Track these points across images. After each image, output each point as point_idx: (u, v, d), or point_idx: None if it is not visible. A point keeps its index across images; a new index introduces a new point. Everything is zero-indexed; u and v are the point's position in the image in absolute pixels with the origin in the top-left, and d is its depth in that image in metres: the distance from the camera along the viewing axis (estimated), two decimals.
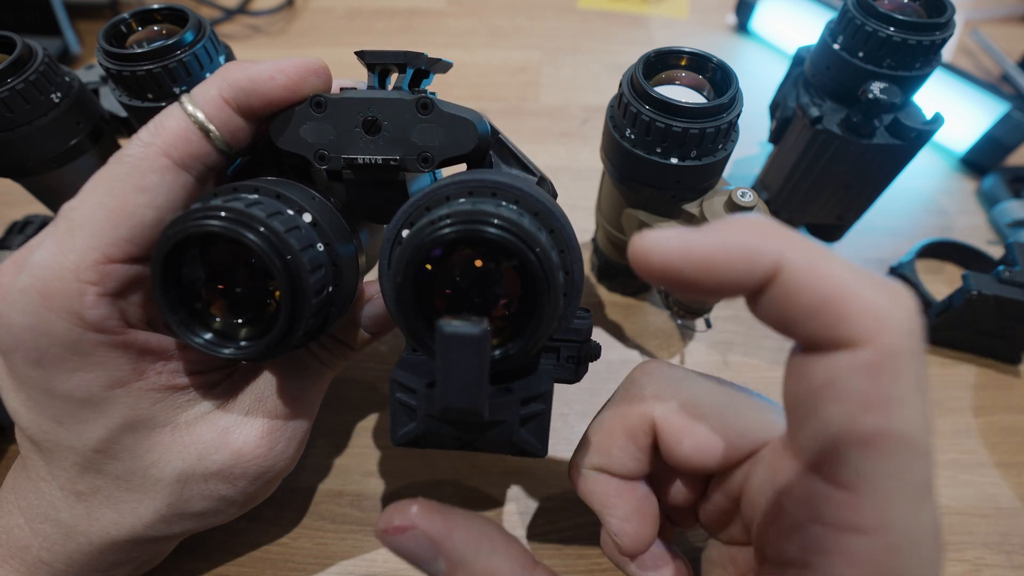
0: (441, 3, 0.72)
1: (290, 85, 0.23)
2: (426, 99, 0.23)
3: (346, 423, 0.37)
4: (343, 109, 0.23)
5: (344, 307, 0.25)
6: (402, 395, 0.22)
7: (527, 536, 0.33)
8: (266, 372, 0.27)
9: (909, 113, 0.36)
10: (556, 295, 0.19)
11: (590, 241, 0.45)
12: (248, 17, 0.70)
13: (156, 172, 0.22)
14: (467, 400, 0.17)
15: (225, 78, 0.23)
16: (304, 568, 0.32)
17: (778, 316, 0.15)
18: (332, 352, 0.27)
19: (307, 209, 0.22)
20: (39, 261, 0.21)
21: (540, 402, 0.22)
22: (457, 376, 0.17)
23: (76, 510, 0.24)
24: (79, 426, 0.22)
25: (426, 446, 0.23)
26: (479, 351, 0.17)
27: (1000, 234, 0.47)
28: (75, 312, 0.21)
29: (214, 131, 0.23)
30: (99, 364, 0.22)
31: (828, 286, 0.14)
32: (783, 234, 0.15)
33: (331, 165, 0.24)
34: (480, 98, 0.59)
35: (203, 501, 0.25)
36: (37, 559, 0.24)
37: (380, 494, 0.34)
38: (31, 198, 0.37)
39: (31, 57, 0.31)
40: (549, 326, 0.20)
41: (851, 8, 0.34)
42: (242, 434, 0.25)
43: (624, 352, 0.41)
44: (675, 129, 0.27)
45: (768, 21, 0.64)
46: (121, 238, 0.21)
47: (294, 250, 0.20)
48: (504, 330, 0.21)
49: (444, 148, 0.24)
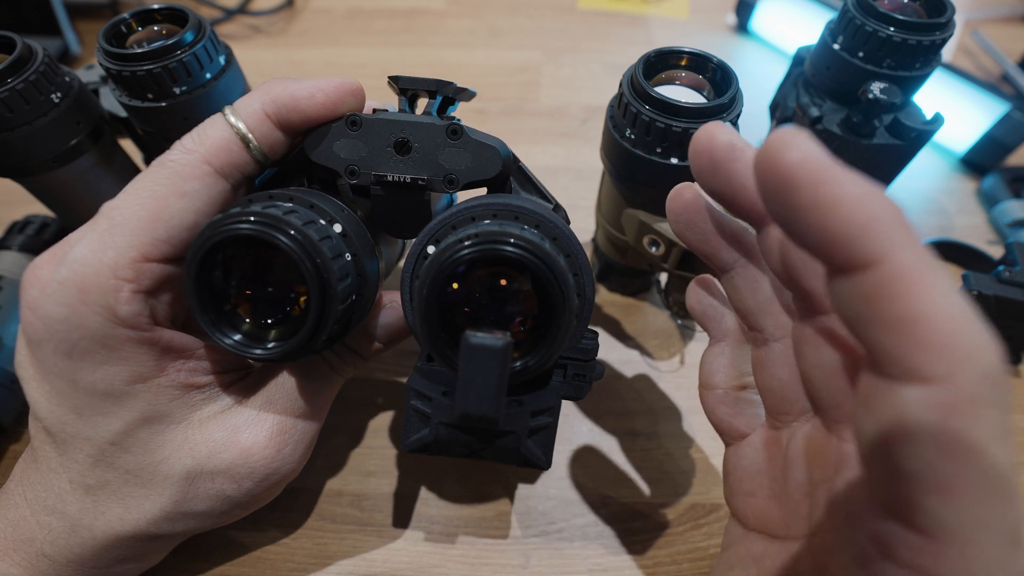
0: (441, 3, 0.72)
1: (328, 104, 0.24)
2: (456, 126, 0.25)
3: (347, 423, 0.37)
4: (377, 129, 0.25)
5: (362, 316, 0.26)
6: (417, 403, 0.23)
7: (527, 536, 0.33)
8: (278, 375, 0.27)
9: (909, 113, 0.36)
10: (571, 314, 0.20)
11: (590, 241, 0.45)
12: (248, 17, 0.70)
13: (197, 178, 0.23)
14: (486, 408, 0.18)
15: (268, 93, 0.24)
16: (304, 568, 0.32)
17: (853, 309, 0.14)
18: (343, 359, 0.28)
19: (338, 220, 0.24)
20: (79, 256, 0.22)
21: (548, 415, 0.24)
22: (479, 385, 0.18)
23: (84, 503, 0.24)
24: (98, 418, 0.23)
25: (436, 453, 0.24)
26: (501, 362, 0.18)
27: (1000, 234, 0.47)
28: (109, 307, 0.22)
29: (254, 142, 0.24)
30: (125, 359, 0.23)
31: (924, 306, 0.13)
32: (903, 223, 0.13)
33: (361, 180, 0.25)
34: (480, 98, 0.59)
35: (208, 500, 0.25)
36: (40, 552, 0.24)
37: (380, 494, 0.34)
38: (31, 198, 0.37)
39: (31, 57, 0.31)
40: (563, 343, 0.21)
41: (851, 8, 0.34)
42: (251, 434, 0.26)
43: (624, 352, 0.41)
44: (675, 129, 0.27)
45: (768, 21, 0.64)
46: (159, 239, 0.23)
47: (326, 257, 0.21)
48: (520, 346, 0.22)
49: (469, 172, 0.25)
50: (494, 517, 0.34)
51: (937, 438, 0.13)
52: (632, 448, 0.36)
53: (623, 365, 0.40)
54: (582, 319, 0.23)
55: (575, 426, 0.37)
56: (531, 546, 0.33)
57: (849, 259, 0.14)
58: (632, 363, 0.40)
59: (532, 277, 0.20)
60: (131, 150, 0.40)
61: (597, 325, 0.43)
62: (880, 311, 0.13)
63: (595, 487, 0.35)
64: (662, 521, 0.33)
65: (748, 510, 0.24)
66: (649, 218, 0.32)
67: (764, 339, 0.23)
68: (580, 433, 0.37)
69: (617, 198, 0.34)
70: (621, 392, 0.39)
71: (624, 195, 0.33)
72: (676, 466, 0.35)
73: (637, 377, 0.39)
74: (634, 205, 0.33)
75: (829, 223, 0.13)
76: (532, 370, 0.21)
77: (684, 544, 0.33)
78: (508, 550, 0.32)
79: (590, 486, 0.35)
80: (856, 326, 0.14)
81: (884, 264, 0.13)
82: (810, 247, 0.14)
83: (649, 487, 0.35)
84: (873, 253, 0.13)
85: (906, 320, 0.13)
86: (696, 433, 0.37)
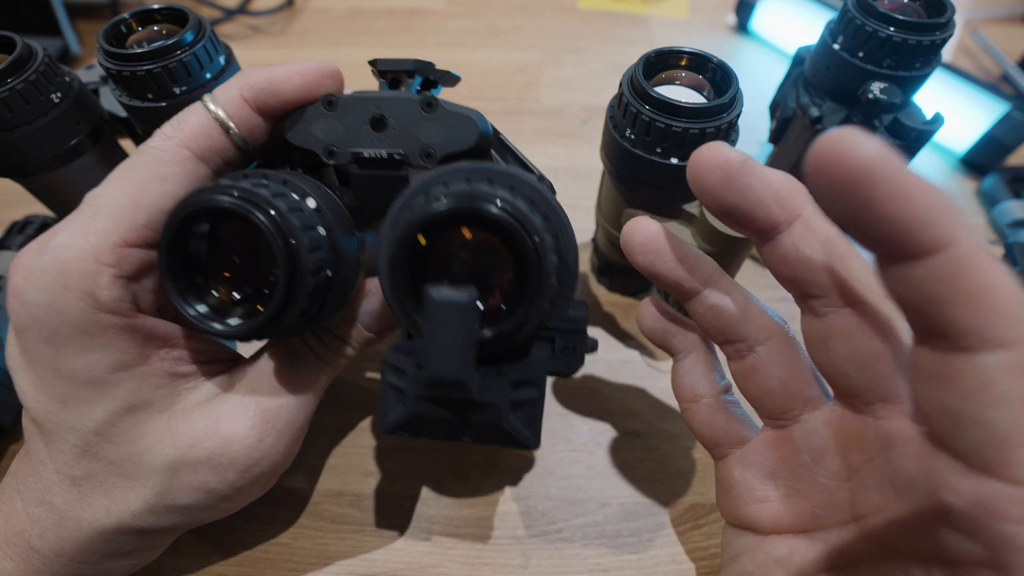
0: (441, 3, 0.72)
1: (305, 85, 0.24)
2: (431, 98, 0.24)
3: (346, 423, 0.37)
4: (353, 107, 0.25)
5: (343, 299, 0.25)
6: (393, 378, 0.22)
7: (527, 536, 0.33)
8: (263, 365, 0.27)
9: (909, 113, 0.36)
10: (547, 272, 0.19)
11: (590, 241, 0.45)
12: (248, 17, 0.70)
13: (176, 163, 0.23)
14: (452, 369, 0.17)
15: (245, 79, 0.24)
16: (304, 568, 0.32)
17: (925, 290, 0.15)
18: (328, 347, 0.27)
19: (311, 195, 0.23)
20: (60, 242, 0.22)
21: (532, 388, 0.22)
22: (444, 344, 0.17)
23: (70, 495, 0.24)
24: (82, 407, 0.23)
25: (415, 433, 0.23)
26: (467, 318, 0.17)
27: (1000, 234, 0.47)
28: (90, 292, 0.22)
29: (233, 128, 0.24)
30: (107, 345, 0.23)
31: (992, 279, 0.15)
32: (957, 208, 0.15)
33: (339, 160, 0.25)
34: (480, 98, 0.59)
35: (192, 493, 0.25)
36: (29, 545, 0.24)
37: (380, 494, 0.34)
38: (31, 198, 0.37)
39: (31, 57, 0.31)
40: (541, 305, 0.20)
41: (851, 8, 0.34)
42: (232, 423, 0.25)
43: (624, 352, 0.41)
44: (675, 129, 0.27)
45: (768, 21, 0.64)
46: (139, 223, 0.23)
47: (294, 226, 0.21)
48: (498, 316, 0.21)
49: (446, 144, 0.24)
50: (494, 517, 0.34)
51: (1021, 397, 0.15)
52: (632, 448, 0.36)
53: (623, 365, 0.40)
54: (566, 286, 0.22)
55: (575, 426, 0.37)
56: (531, 546, 0.33)
57: (924, 243, 0.15)
58: (632, 363, 0.40)
59: (505, 237, 0.20)
60: (131, 150, 0.40)
61: (597, 325, 0.43)
62: (957, 288, 0.15)
63: (595, 487, 0.35)
64: (662, 521, 0.33)
65: (763, 515, 0.24)
66: None
67: (747, 347, 0.23)
68: (580, 433, 0.37)
69: (617, 198, 0.34)
70: (621, 392, 0.39)
71: (624, 195, 0.33)
72: (676, 466, 0.35)
73: (637, 377, 0.40)
74: (634, 205, 0.33)
75: (907, 211, 0.14)
76: (509, 336, 0.20)
77: (684, 544, 0.33)
78: (508, 550, 0.32)
79: (590, 486, 0.35)
80: (926, 306, 0.15)
81: (955, 246, 0.15)
82: (879, 237, 0.15)
83: (649, 487, 0.35)
84: (946, 236, 0.15)
85: (981, 293, 0.15)
86: None
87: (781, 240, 0.20)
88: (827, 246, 0.20)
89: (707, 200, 0.20)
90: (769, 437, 0.25)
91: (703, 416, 0.26)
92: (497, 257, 0.21)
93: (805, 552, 0.22)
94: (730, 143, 0.29)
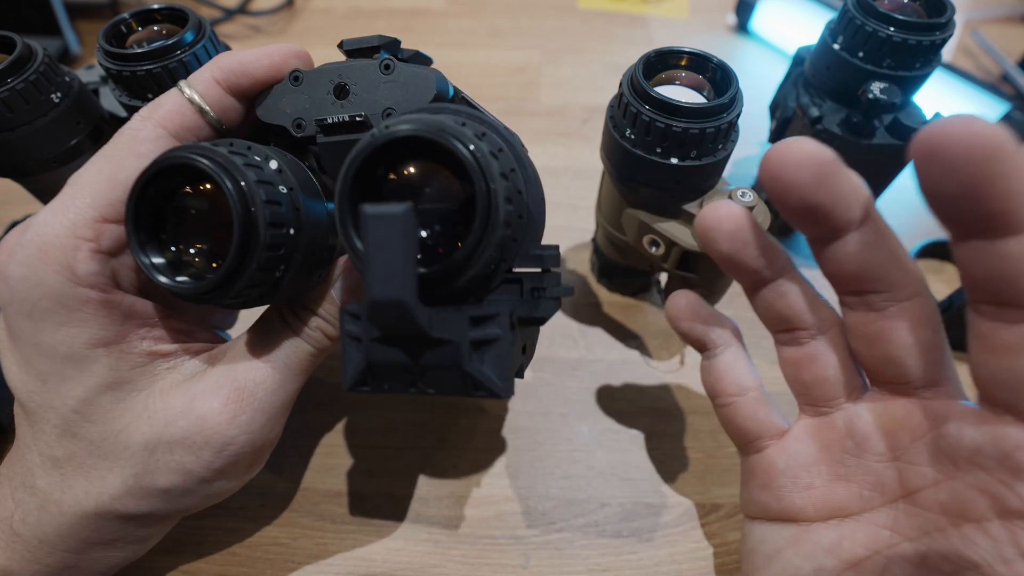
0: (441, 3, 0.72)
1: (274, 65, 0.25)
2: (388, 60, 0.25)
3: (346, 423, 0.37)
4: (317, 79, 0.25)
5: (312, 266, 0.25)
6: (351, 325, 0.21)
7: (527, 536, 0.33)
8: (240, 343, 0.27)
9: (909, 113, 0.36)
10: (496, 198, 0.19)
11: (590, 241, 0.45)
12: (248, 17, 0.70)
13: (151, 140, 0.24)
14: (392, 289, 0.16)
15: (217, 63, 0.25)
16: (304, 568, 0.32)
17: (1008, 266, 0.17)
18: (305, 323, 0.27)
19: (274, 158, 0.23)
20: (41, 219, 0.23)
21: (494, 325, 0.20)
22: (381, 261, 0.16)
23: (52, 477, 0.24)
24: (61, 384, 0.23)
25: (377, 387, 0.22)
26: (403, 231, 0.16)
27: None
28: (67, 266, 0.22)
29: (207, 109, 0.25)
30: (84, 320, 0.23)
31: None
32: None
33: (307, 132, 0.25)
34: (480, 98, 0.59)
35: (169, 474, 0.25)
36: (12, 531, 0.24)
37: (380, 494, 0.34)
38: (31, 198, 0.37)
39: (31, 57, 0.31)
40: (491, 235, 0.19)
41: (851, 8, 0.34)
42: (206, 401, 0.25)
43: (624, 352, 0.41)
44: (675, 129, 0.27)
45: (768, 21, 0.64)
46: (117, 199, 0.23)
47: (247, 176, 0.21)
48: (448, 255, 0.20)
49: (404, 102, 0.25)
50: (494, 517, 0.34)
51: None
52: (632, 448, 0.36)
53: (623, 365, 0.40)
54: (527, 223, 0.21)
55: (575, 426, 0.37)
56: (531, 546, 0.33)
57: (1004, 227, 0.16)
58: (632, 363, 0.40)
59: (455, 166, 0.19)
60: None
61: (597, 325, 0.43)
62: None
63: (595, 487, 0.35)
64: (662, 521, 0.33)
65: (809, 503, 0.24)
66: (649, 218, 0.32)
67: (809, 335, 0.24)
68: (580, 433, 0.37)
69: (617, 198, 0.34)
70: (621, 392, 0.39)
71: (624, 195, 0.33)
72: (676, 466, 0.35)
73: (637, 377, 0.40)
74: (634, 205, 0.33)
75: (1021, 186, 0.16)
76: (456, 269, 0.19)
77: (684, 544, 0.33)
78: (508, 550, 0.32)
79: (590, 486, 0.35)
80: (1009, 280, 0.17)
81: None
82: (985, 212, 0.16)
83: (649, 487, 0.35)
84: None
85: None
86: (696, 433, 0.37)
87: (852, 238, 0.20)
88: (892, 240, 0.21)
89: (790, 198, 0.20)
90: (810, 425, 0.25)
91: (748, 410, 0.26)
92: (450, 194, 0.20)
93: (855, 535, 0.23)
94: (730, 143, 0.29)
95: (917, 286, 0.21)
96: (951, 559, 0.20)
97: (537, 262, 0.23)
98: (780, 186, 0.20)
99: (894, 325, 0.21)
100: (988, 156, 0.16)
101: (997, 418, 0.19)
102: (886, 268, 0.21)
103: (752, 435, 0.26)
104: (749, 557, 0.26)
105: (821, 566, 0.23)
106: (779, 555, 0.24)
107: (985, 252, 0.17)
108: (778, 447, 0.25)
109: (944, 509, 0.21)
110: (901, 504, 0.22)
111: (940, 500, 0.21)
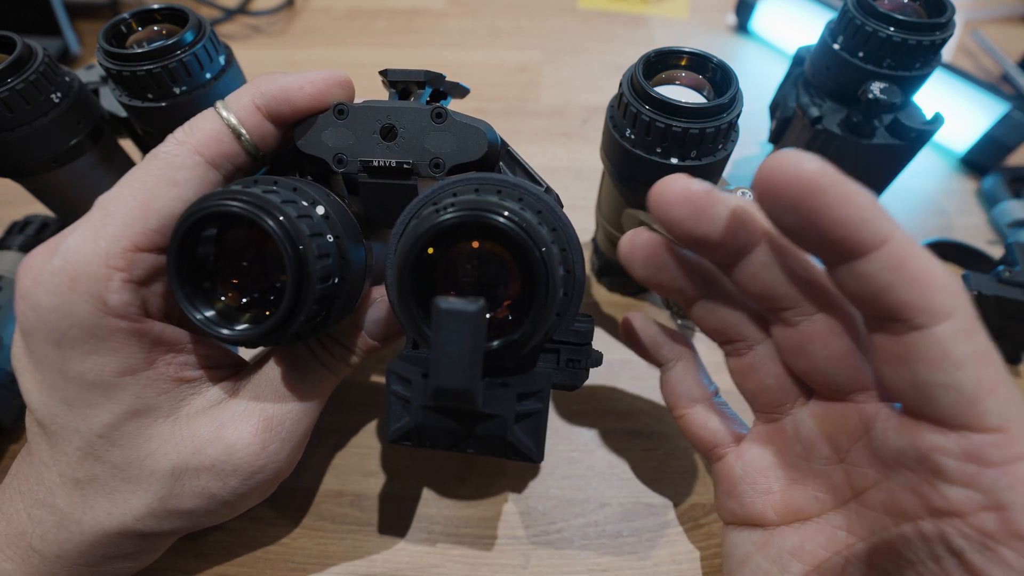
0: (441, 3, 0.72)
1: (316, 94, 0.25)
2: (441, 109, 0.24)
3: (346, 423, 0.37)
4: (363, 116, 0.25)
5: (349, 306, 0.25)
6: (398, 387, 0.22)
7: (527, 536, 0.33)
8: (267, 371, 0.27)
9: (909, 113, 0.36)
10: (555, 285, 0.20)
11: (590, 241, 0.45)
12: (248, 17, 0.70)
13: (188, 168, 0.23)
14: (459, 380, 0.17)
15: (258, 87, 0.24)
16: (304, 568, 0.32)
17: (878, 280, 0.17)
18: (333, 354, 0.27)
19: (320, 203, 0.23)
20: (71, 245, 0.22)
21: (537, 400, 0.22)
22: (451, 354, 0.17)
23: (72, 497, 0.24)
24: (87, 410, 0.23)
25: (419, 443, 0.23)
26: (475, 327, 0.17)
27: (1000, 234, 0.47)
28: (99, 296, 0.22)
29: (245, 135, 0.24)
30: (114, 349, 0.23)
31: (925, 262, 0.17)
32: (886, 209, 0.17)
33: (348, 168, 0.25)
34: (480, 98, 0.59)
35: (194, 498, 0.25)
36: (30, 547, 0.24)
37: (380, 494, 0.34)
38: (31, 198, 0.37)
39: (31, 57, 0.31)
40: (548, 316, 0.20)
41: (851, 8, 0.34)
42: (236, 430, 0.25)
43: (624, 352, 0.41)
44: (675, 129, 0.27)
45: (768, 21, 0.64)
46: (150, 228, 0.23)
47: (302, 232, 0.21)
48: (505, 328, 0.21)
49: (455, 154, 0.25)
50: (494, 517, 0.34)
51: (975, 355, 0.17)
52: (632, 448, 0.36)
53: (623, 365, 0.40)
54: (572, 297, 0.22)
55: (575, 426, 0.37)
56: (531, 546, 0.33)
57: (869, 240, 0.17)
58: (632, 363, 0.40)
59: (513, 248, 0.20)
60: (131, 150, 0.40)
61: (597, 325, 0.42)
62: (901, 275, 0.17)
63: (595, 487, 0.35)
64: (662, 521, 0.33)
65: (769, 507, 0.25)
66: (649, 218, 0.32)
67: (747, 346, 0.25)
68: (580, 433, 0.37)
69: (617, 198, 0.34)
70: (621, 392, 0.39)
71: (624, 195, 0.33)
72: (676, 466, 0.35)
73: (637, 377, 0.40)
74: (634, 205, 0.33)
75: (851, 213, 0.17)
76: (516, 347, 0.20)
77: (684, 544, 0.33)
78: (508, 550, 0.32)
79: (590, 486, 0.35)
80: (879, 296, 0.18)
81: (893, 239, 0.17)
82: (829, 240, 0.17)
83: (649, 487, 0.35)
84: (885, 231, 0.17)
85: (921, 276, 0.17)
86: None
87: (750, 261, 0.21)
88: (789, 259, 0.21)
89: (677, 233, 0.21)
90: (763, 431, 0.26)
91: (699, 419, 0.27)
92: (504, 268, 0.21)
93: (815, 537, 0.23)
94: (730, 143, 0.29)
95: (824, 299, 0.21)
96: (892, 558, 0.20)
97: (576, 336, 0.24)
98: (665, 223, 0.21)
99: (808, 338, 0.22)
100: (810, 191, 0.17)
101: (914, 421, 0.19)
102: (789, 286, 0.21)
103: (709, 443, 0.27)
104: (726, 562, 0.27)
105: (787, 569, 0.23)
106: (750, 560, 0.25)
107: (850, 273, 0.18)
108: (735, 453, 0.26)
109: (886, 509, 0.21)
110: (853, 505, 0.23)
111: (881, 500, 0.21)
